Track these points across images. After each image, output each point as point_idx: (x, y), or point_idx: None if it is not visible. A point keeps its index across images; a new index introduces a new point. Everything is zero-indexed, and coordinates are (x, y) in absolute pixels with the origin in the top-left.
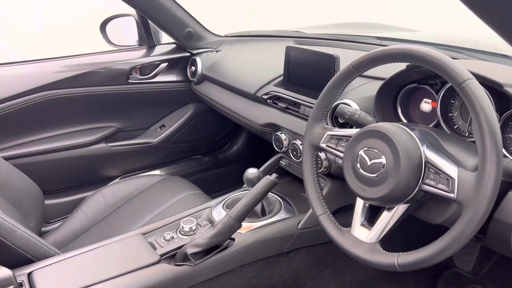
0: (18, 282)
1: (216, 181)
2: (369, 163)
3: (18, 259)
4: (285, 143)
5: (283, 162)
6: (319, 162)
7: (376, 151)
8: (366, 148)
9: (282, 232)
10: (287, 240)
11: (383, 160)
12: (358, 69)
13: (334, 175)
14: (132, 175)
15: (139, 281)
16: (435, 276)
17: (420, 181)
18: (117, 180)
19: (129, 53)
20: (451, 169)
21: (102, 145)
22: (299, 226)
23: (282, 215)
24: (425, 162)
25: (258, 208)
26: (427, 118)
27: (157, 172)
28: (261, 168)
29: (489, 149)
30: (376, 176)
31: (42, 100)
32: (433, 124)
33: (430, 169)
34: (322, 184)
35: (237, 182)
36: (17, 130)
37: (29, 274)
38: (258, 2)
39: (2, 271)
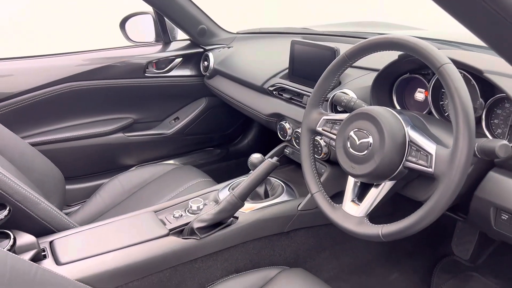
0: (41, 248)
1: (227, 172)
2: (358, 142)
3: (41, 229)
4: (289, 131)
5: (287, 151)
6: (319, 148)
7: (364, 131)
8: (356, 129)
9: (283, 213)
10: (288, 220)
11: (370, 139)
12: (351, 57)
13: (334, 161)
14: (147, 164)
15: (149, 251)
16: (433, 263)
17: (404, 158)
18: (133, 168)
19: (146, 49)
20: (430, 147)
21: (120, 135)
22: (299, 208)
23: (283, 197)
24: (408, 142)
25: (261, 191)
26: (421, 106)
27: (171, 162)
28: (267, 156)
29: (461, 127)
30: (364, 154)
31: (64, 91)
32: (425, 111)
33: (412, 147)
34: (323, 170)
35: (246, 173)
36: (42, 119)
37: (51, 242)
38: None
39: (27, 237)
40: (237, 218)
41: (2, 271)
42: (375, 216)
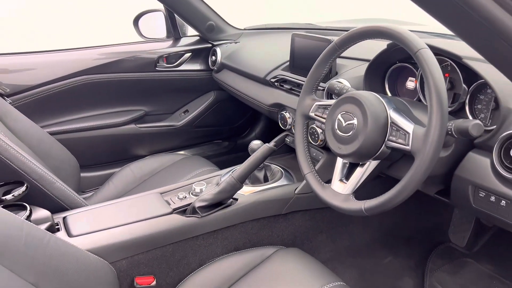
0: (55, 222)
1: (234, 164)
2: (344, 124)
3: (55, 206)
4: (289, 121)
5: (288, 139)
6: (316, 135)
7: (350, 114)
8: (343, 112)
9: (281, 196)
10: (285, 203)
11: (355, 121)
12: (341, 46)
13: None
14: (158, 154)
15: (154, 227)
16: (429, 250)
17: (386, 138)
18: (144, 158)
19: (157, 44)
20: (408, 126)
21: (132, 126)
22: (296, 191)
23: (282, 182)
24: (390, 123)
25: (261, 175)
26: (411, 94)
27: (180, 152)
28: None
29: (435, 107)
30: (349, 135)
31: (80, 84)
32: (415, 99)
33: (393, 128)
34: (320, 157)
35: None
36: (59, 109)
37: (64, 218)
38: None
39: (43, 211)
40: (236, 199)
41: (19, 236)
42: (363, 196)
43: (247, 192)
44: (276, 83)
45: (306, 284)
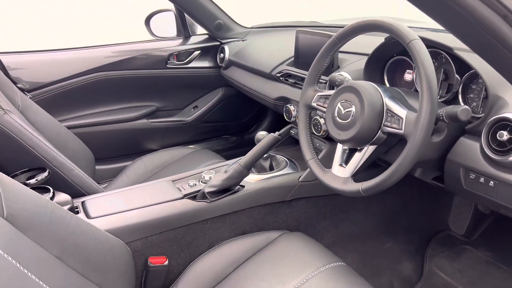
0: (75, 206)
1: None
2: (343, 112)
3: (74, 192)
4: (294, 113)
5: (292, 132)
6: (319, 126)
7: (349, 102)
8: (342, 101)
9: (285, 183)
10: (289, 190)
11: (353, 108)
12: (340, 40)
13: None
14: (169, 148)
15: (166, 211)
16: (429, 238)
17: (382, 124)
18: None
19: (168, 42)
20: (401, 112)
21: (144, 121)
22: (300, 179)
23: (286, 170)
24: (385, 110)
25: (266, 165)
26: (409, 86)
27: (190, 147)
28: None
29: (425, 93)
30: (348, 122)
31: (95, 80)
32: (413, 89)
33: (388, 114)
34: (323, 147)
35: None
36: (75, 104)
37: (82, 202)
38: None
39: (63, 195)
40: (243, 186)
41: (44, 213)
42: (355, 174)
43: (253, 180)
44: (281, 78)
45: (309, 264)
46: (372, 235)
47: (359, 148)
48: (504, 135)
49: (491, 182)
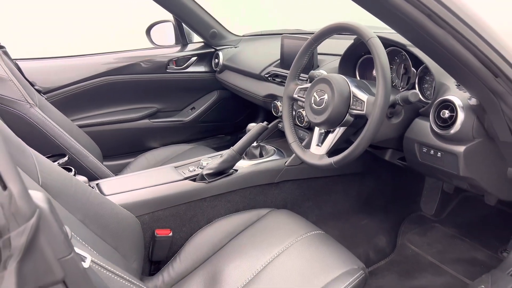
0: (91, 186)
1: None
2: (318, 99)
3: (89, 176)
4: (280, 108)
5: (280, 125)
6: (302, 118)
7: (322, 91)
8: (318, 90)
9: (273, 167)
10: (277, 173)
11: (326, 96)
12: (316, 40)
13: (313, 128)
14: (169, 146)
15: (170, 190)
16: (402, 217)
17: (349, 108)
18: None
19: (167, 49)
20: (363, 96)
21: (146, 121)
22: (286, 164)
23: (274, 157)
24: (352, 96)
25: (257, 153)
26: None
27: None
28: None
29: (381, 80)
30: (322, 107)
31: (102, 84)
32: None
33: (354, 99)
34: (306, 136)
35: None
36: (84, 106)
37: (97, 184)
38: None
39: (81, 177)
40: (236, 170)
41: (70, 184)
42: (329, 152)
43: (245, 165)
44: (269, 78)
45: (292, 233)
46: (350, 215)
47: (332, 130)
48: (446, 113)
49: (439, 153)
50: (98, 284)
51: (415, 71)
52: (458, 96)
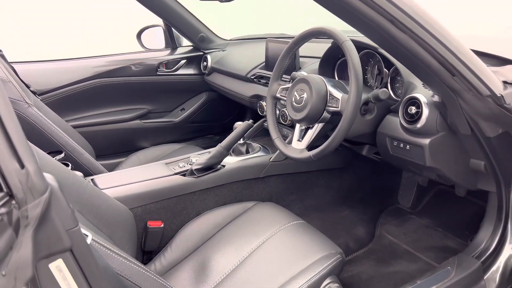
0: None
1: None
2: (298, 98)
3: (84, 172)
4: (265, 108)
5: (265, 124)
6: (285, 117)
7: (302, 90)
8: (298, 90)
9: (259, 163)
10: (262, 168)
11: (305, 95)
12: (296, 44)
13: (292, 120)
14: (159, 145)
15: (161, 184)
16: (381, 210)
17: (326, 105)
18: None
19: (158, 53)
20: (339, 95)
21: (137, 121)
22: (270, 160)
23: (260, 153)
24: (329, 94)
25: (243, 150)
26: None
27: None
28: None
29: (353, 79)
30: (301, 105)
31: (95, 86)
32: None
33: (330, 97)
34: (289, 134)
35: None
36: (77, 107)
37: (92, 179)
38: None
39: (77, 172)
40: (224, 166)
41: (68, 177)
42: (309, 146)
43: (233, 161)
44: (254, 79)
45: (275, 223)
46: (332, 207)
47: (311, 126)
48: (413, 109)
49: (407, 146)
50: (99, 259)
51: (387, 71)
52: (423, 94)
